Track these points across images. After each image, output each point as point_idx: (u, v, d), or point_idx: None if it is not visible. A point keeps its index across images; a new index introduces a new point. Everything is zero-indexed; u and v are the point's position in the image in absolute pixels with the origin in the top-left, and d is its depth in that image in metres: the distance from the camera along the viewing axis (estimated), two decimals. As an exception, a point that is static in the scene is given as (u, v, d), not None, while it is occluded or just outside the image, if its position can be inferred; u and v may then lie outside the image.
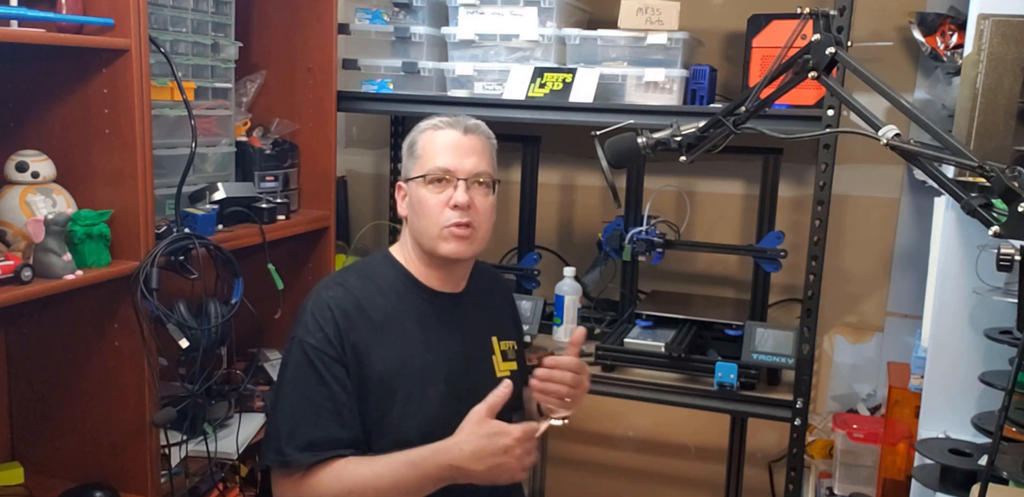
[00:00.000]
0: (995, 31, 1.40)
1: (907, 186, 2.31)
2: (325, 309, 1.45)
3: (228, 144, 1.96)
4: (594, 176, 2.58)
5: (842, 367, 2.43)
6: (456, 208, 1.46)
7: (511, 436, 1.32)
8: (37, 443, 1.71)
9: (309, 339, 1.43)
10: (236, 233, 1.82)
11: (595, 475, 2.72)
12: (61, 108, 1.55)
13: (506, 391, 1.36)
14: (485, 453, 1.32)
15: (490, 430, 1.33)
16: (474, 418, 1.35)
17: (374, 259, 1.60)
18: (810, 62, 1.21)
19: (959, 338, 1.58)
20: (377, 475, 1.37)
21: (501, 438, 1.32)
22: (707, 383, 1.98)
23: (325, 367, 1.41)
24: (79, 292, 1.52)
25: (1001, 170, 0.99)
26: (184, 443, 1.73)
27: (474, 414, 1.36)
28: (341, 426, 1.41)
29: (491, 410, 1.35)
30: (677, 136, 1.42)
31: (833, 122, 1.78)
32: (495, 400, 1.36)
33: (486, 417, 1.35)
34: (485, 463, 1.32)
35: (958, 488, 1.43)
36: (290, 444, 1.40)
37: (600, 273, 2.34)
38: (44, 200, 1.49)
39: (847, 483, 2.10)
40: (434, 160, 1.49)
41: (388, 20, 2.24)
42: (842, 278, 2.38)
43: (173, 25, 1.76)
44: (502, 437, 1.32)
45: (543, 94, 2.03)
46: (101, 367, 1.61)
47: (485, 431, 1.33)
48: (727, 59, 2.36)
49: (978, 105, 1.42)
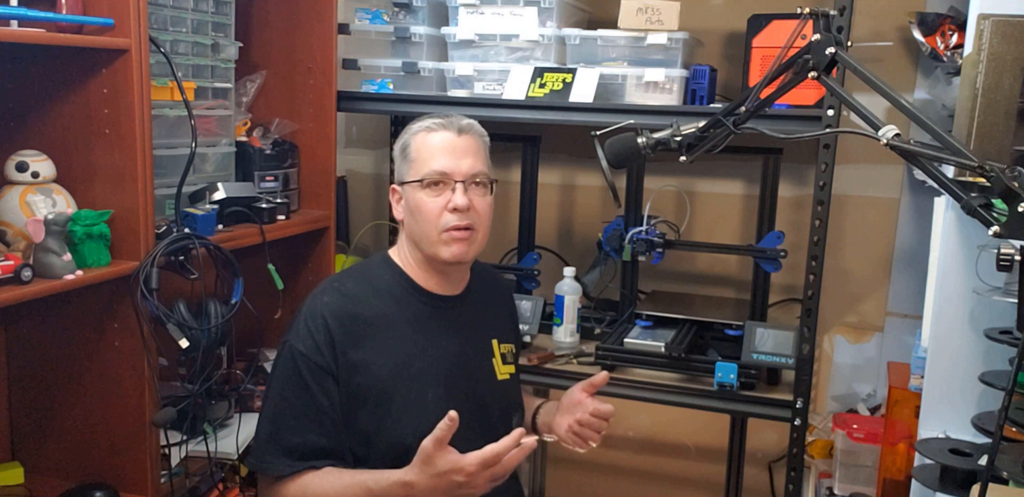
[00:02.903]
0: (995, 31, 1.39)
1: (907, 186, 2.31)
2: (318, 316, 1.44)
3: (228, 144, 1.96)
4: (594, 176, 2.58)
5: (842, 367, 2.43)
6: (455, 211, 1.45)
7: (464, 472, 1.26)
8: (37, 443, 1.71)
9: (299, 345, 1.43)
10: (236, 233, 1.82)
11: (595, 475, 2.72)
12: (61, 108, 1.55)
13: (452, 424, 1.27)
14: (440, 490, 1.29)
15: (441, 468, 1.27)
16: (422, 456, 1.29)
17: (372, 262, 1.59)
18: (810, 62, 1.21)
19: (959, 338, 1.58)
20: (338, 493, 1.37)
21: (453, 476, 1.27)
22: (707, 383, 1.98)
23: (311, 375, 1.41)
24: (79, 292, 1.52)
25: (1001, 170, 0.99)
26: (184, 443, 1.73)
27: (422, 451, 1.29)
28: (321, 434, 1.41)
29: (437, 444, 1.27)
30: (677, 136, 1.42)
31: (833, 122, 1.78)
32: (441, 434, 1.27)
33: (435, 453, 1.28)
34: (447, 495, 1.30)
35: (958, 488, 1.43)
36: (268, 449, 1.40)
37: (600, 273, 2.33)
38: (44, 200, 1.50)
39: (847, 483, 2.10)
40: (429, 163, 1.47)
41: (388, 20, 2.24)
42: (842, 278, 2.38)
43: (173, 25, 1.76)
44: (454, 474, 1.27)
45: (543, 94, 2.03)
46: (101, 367, 1.61)
47: (436, 469, 1.28)
48: (727, 59, 2.36)
49: (978, 105, 1.42)
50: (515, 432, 1.29)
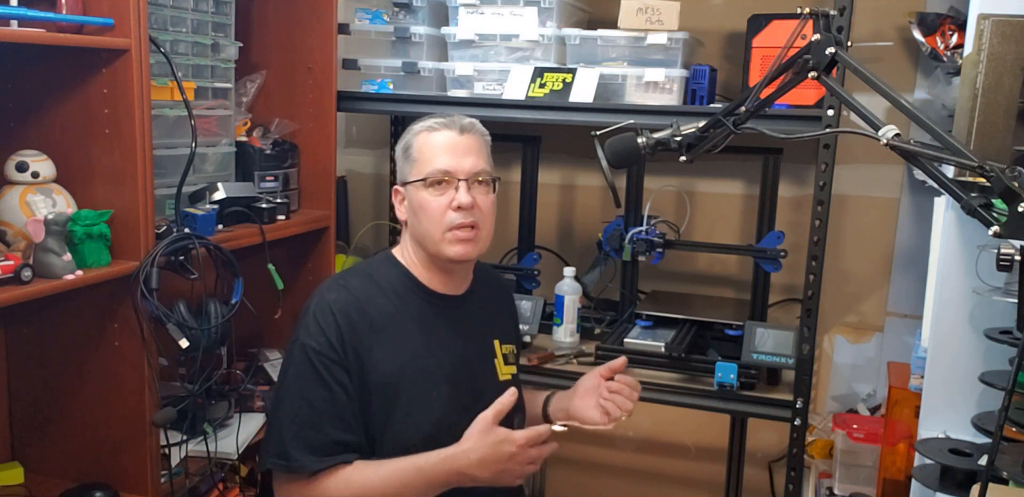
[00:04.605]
0: (995, 31, 1.39)
1: (907, 186, 2.31)
2: (327, 312, 1.44)
3: (228, 144, 1.96)
4: (594, 176, 2.58)
5: (842, 367, 2.43)
6: (459, 209, 1.46)
7: (515, 443, 1.34)
8: (37, 443, 1.71)
9: (311, 342, 1.43)
10: (236, 233, 1.82)
11: (595, 475, 2.72)
12: (61, 108, 1.55)
13: (511, 399, 1.38)
14: (491, 460, 1.34)
15: (496, 438, 1.35)
16: (480, 426, 1.36)
17: (376, 261, 1.59)
18: (810, 62, 1.21)
19: (959, 338, 1.58)
20: (384, 481, 1.38)
21: (506, 446, 1.34)
22: (707, 383, 1.98)
23: (327, 370, 1.41)
24: (79, 292, 1.52)
25: (1001, 170, 0.99)
26: (184, 443, 1.73)
27: (480, 421, 1.37)
28: (344, 430, 1.41)
29: (497, 417, 1.37)
30: (677, 136, 1.42)
31: (833, 122, 1.78)
32: (500, 407, 1.37)
33: (492, 424, 1.36)
34: (490, 470, 1.35)
35: (958, 488, 1.43)
36: (294, 448, 1.39)
37: (600, 273, 2.33)
38: (44, 200, 1.49)
39: (847, 483, 2.10)
40: (432, 162, 1.48)
41: (388, 20, 2.24)
42: (842, 278, 2.38)
43: (173, 25, 1.76)
44: (507, 444, 1.34)
45: (543, 94, 2.03)
46: (101, 367, 1.61)
47: (492, 439, 1.35)
48: (727, 59, 2.36)
49: (978, 105, 1.42)
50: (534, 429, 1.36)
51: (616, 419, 1.55)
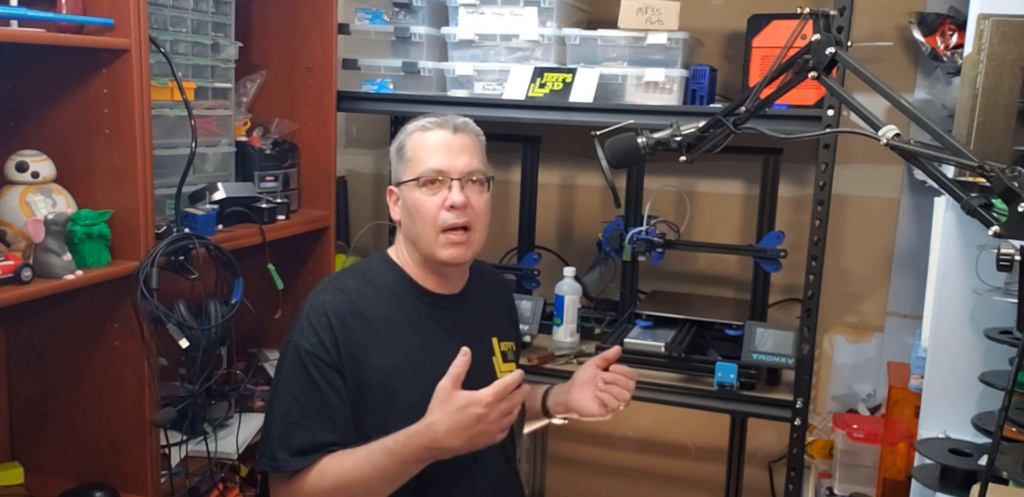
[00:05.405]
0: (995, 31, 1.40)
1: (907, 186, 2.31)
2: (321, 314, 1.44)
3: (228, 144, 1.96)
4: (594, 176, 2.58)
5: (842, 367, 2.43)
6: (452, 209, 1.45)
7: (482, 403, 1.29)
8: (37, 443, 1.71)
9: (304, 344, 1.42)
10: (236, 233, 1.82)
11: (595, 475, 2.72)
12: (61, 108, 1.55)
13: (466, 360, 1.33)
14: (460, 427, 1.30)
15: (459, 403, 1.30)
16: (441, 394, 1.32)
17: (372, 261, 1.59)
18: (810, 62, 1.21)
19: (959, 338, 1.58)
20: (358, 466, 1.36)
21: (472, 408, 1.29)
22: (707, 383, 1.98)
23: (319, 372, 1.41)
24: (79, 292, 1.52)
25: (1001, 170, 0.99)
26: (184, 443, 1.73)
27: (440, 390, 1.32)
28: (332, 431, 1.41)
29: (455, 382, 1.32)
30: (677, 136, 1.42)
31: (833, 122, 1.78)
32: (457, 371, 1.32)
33: (452, 391, 1.31)
34: (462, 437, 1.31)
35: (958, 488, 1.43)
36: (281, 448, 1.40)
37: (600, 273, 2.34)
38: (44, 200, 1.50)
39: (847, 483, 2.10)
40: (426, 162, 1.47)
41: (388, 20, 2.24)
42: (842, 278, 2.38)
43: (173, 25, 1.76)
44: (473, 407, 1.29)
45: (543, 94, 2.03)
46: (101, 367, 1.61)
47: (455, 406, 1.30)
48: (727, 59, 2.36)
49: (978, 105, 1.42)
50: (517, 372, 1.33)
51: (614, 410, 1.54)
